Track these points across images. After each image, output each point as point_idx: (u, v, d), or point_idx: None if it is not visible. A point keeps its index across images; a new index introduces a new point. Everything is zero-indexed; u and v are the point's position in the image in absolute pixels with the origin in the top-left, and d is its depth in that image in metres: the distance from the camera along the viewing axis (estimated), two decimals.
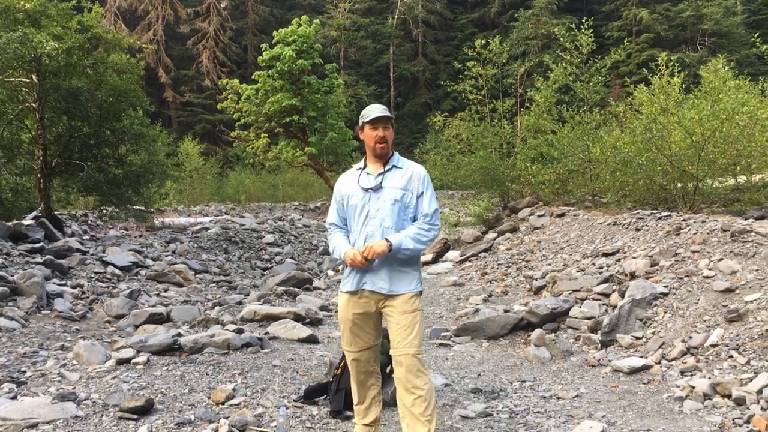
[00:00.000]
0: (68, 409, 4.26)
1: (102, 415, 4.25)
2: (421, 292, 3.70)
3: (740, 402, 4.37)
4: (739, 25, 44.29)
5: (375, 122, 3.62)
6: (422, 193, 3.65)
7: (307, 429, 4.20)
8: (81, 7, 15.27)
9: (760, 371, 4.66)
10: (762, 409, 4.19)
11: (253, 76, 22.66)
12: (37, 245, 10.31)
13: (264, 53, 22.02)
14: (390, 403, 4.59)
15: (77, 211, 18.40)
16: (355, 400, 3.87)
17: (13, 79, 12.87)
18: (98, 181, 14.66)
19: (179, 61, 49.37)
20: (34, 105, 13.21)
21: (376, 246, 3.47)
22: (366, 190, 3.66)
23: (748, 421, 4.10)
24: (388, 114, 3.64)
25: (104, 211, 16.10)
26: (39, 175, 13.71)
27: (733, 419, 4.18)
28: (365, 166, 3.75)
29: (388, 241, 3.49)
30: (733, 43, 43.69)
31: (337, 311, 9.03)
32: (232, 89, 22.76)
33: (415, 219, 3.68)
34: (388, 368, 4.62)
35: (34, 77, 12.86)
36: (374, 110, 3.65)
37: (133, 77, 15.50)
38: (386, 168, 3.68)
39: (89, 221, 17.13)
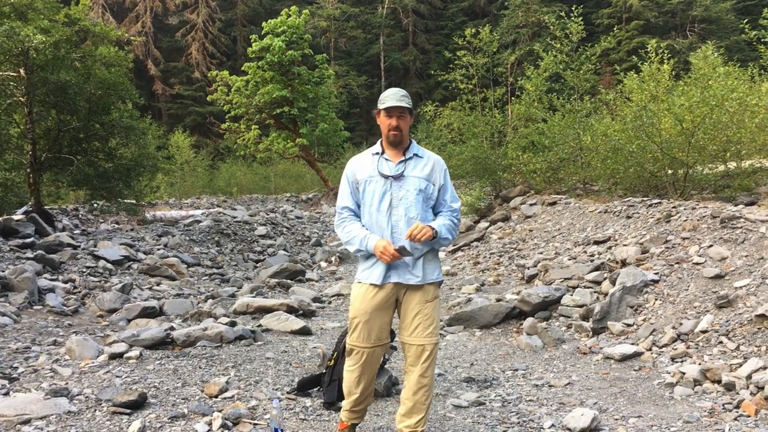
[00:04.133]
0: (61, 404, 4.25)
1: (95, 410, 4.25)
2: (441, 282, 3.65)
3: (730, 387, 4.41)
4: (728, 11, 44.26)
5: (390, 111, 3.48)
6: (443, 186, 3.59)
7: (301, 421, 4.21)
8: (68, 0, 15.15)
9: (749, 356, 4.70)
10: (751, 394, 4.22)
11: (242, 68, 22.57)
12: (28, 240, 10.26)
13: (253, 44, 21.92)
14: (383, 394, 4.62)
15: (68, 206, 18.34)
16: (346, 391, 3.72)
17: (0, 73, 12.78)
18: (88, 174, 14.59)
19: (168, 53, 49.08)
20: (22, 99, 13.12)
21: (426, 230, 3.33)
22: (387, 177, 3.53)
23: (737, 406, 4.14)
24: (403, 104, 3.47)
25: (95, 205, 16.05)
26: (28, 170, 13.64)
27: (723, 404, 4.22)
28: (383, 152, 3.61)
29: (433, 228, 3.38)
30: (722, 29, 43.71)
31: (330, 303, 9.09)
32: (222, 81, 22.67)
33: (434, 210, 3.61)
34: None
35: (22, 71, 12.76)
36: (390, 97, 3.50)
37: (122, 70, 15.41)
38: (407, 156, 3.56)
39: (80, 215, 17.07)
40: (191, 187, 31.46)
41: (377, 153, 3.61)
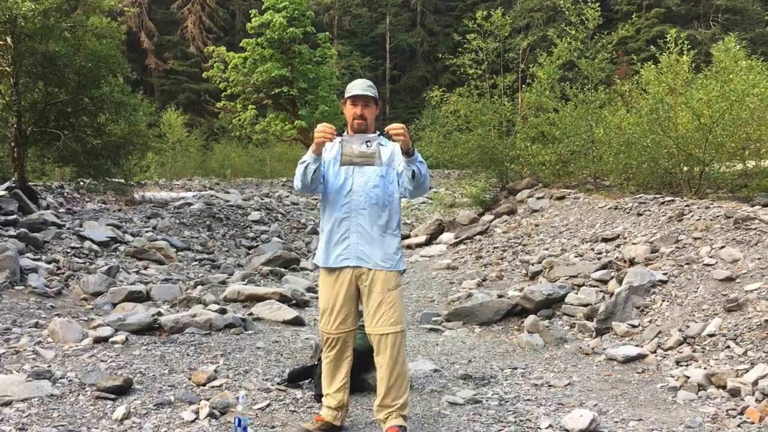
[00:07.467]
0: (43, 387, 4.33)
1: (78, 394, 4.33)
2: (404, 270, 3.82)
3: (735, 393, 4.48)
4: (754, 1, 44.19)
5: (355, 99, 3.71)
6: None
7: (291, 412, 4.29)
8: None
9: (756, 362, 4.77)
10: (756, 400, 4.29)
11: (241, 44, 22.55)
12: (11, 217, 10.30)
13: (253, 20, 21.88)
14: (375, 388, 4.68)
15: (53, 183, 18.38)
16: (324, 383, 3.97)
17: None
18: (75, 151, 14.61)
19: (163, 26, 49.00)
20: (8, 69, 13.12)
21: (406, 134, 3.44)
22: None
23: (741, 413, 4.20)
24: (369, 93, 3.71)
25: (81, 183, 16.09)
26: (12, 144, 13.64)
27: (727, 410, 4.29)
28: None
29: (412, 144, 3.51)
30: (747, 20, 43.65)
31: None
32: (219, 57, 22.65)
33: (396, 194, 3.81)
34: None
35: (9, 39, 12.76)
36: (356, 86, 3.73)
37: (114, 42, 15.38)
38: None
39: (65, 193, 17.11)
40: (183, 168, 31.49)
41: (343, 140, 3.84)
